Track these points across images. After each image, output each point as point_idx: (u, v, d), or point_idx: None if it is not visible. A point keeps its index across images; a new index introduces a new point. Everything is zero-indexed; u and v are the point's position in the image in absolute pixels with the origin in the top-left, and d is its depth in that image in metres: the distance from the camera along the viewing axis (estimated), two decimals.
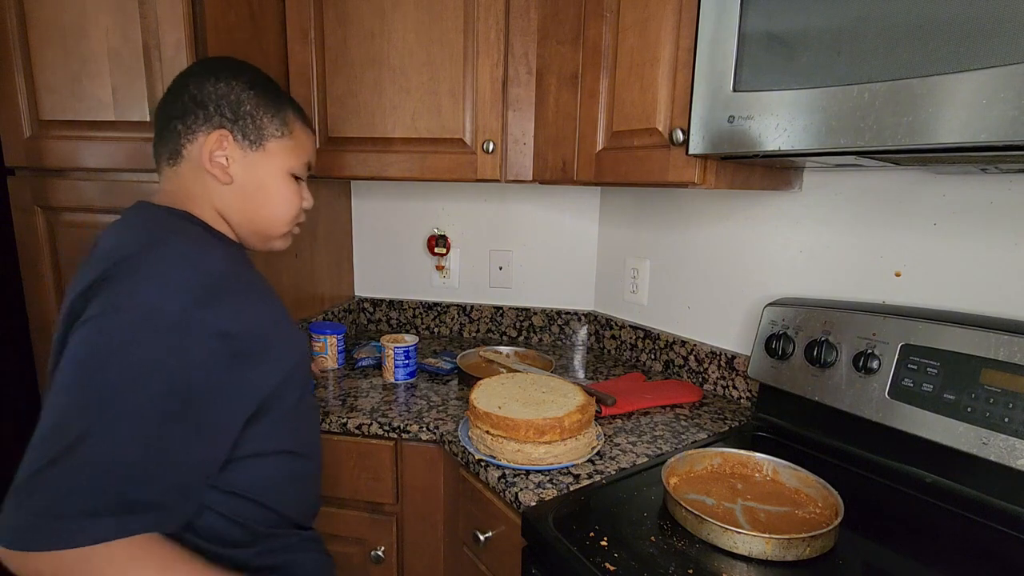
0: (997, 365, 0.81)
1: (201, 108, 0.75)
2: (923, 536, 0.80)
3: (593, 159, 1.15)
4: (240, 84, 0.77)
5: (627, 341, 1.58)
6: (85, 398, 0.56)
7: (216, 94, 0.75)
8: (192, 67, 0.79)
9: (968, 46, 0.59)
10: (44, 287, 1.23)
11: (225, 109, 0.75)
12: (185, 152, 0.75)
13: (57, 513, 0.52)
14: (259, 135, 0.78)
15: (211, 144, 0.74)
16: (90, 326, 0.58)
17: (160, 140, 0.77)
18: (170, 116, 0.76)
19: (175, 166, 0.76)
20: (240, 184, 0.77)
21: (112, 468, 0.55)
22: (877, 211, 1.03)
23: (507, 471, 0.93)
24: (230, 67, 0.78)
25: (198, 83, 0.75)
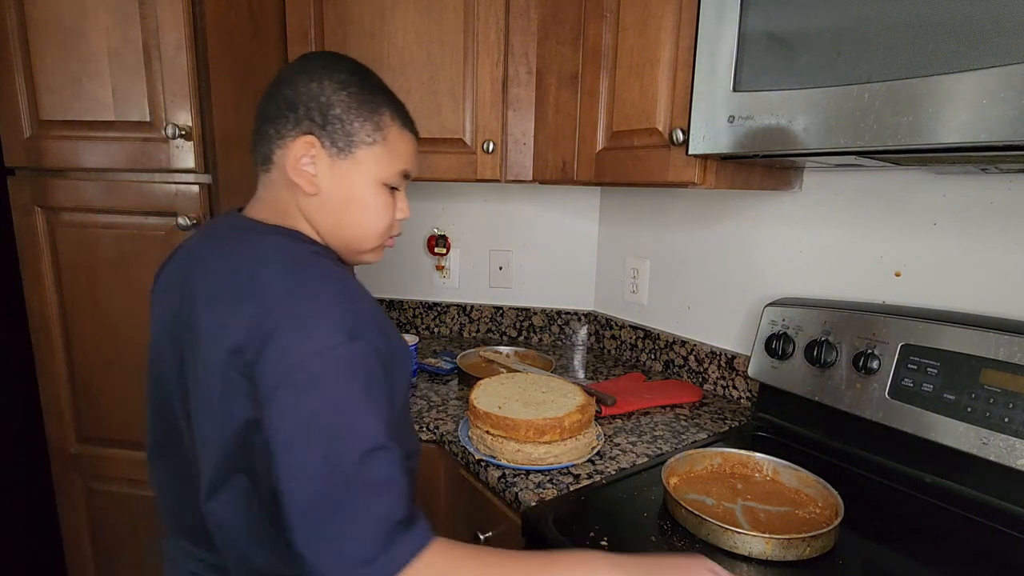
0: (997, 365, 0.81)
1: (292, 111, 0.68)
2: (923, 536, 0.80)
3: (593, 159, 1.15)
4: (333, 84, 0.69)
5: (627, 341, 1.57)
6: (325, 449, 0.55)
7: (308, 95, 0.68)
8: (294, 63, 0.72)
9: (968, 46, 0.59)
10: (44, 287, 1.23)
11: (314, 112, 0.68)
12: (275, 158, 0.70)
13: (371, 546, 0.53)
14: (348, 142, 0.69)
15: (297, 151, 0.68)
16: (287, 392, 0.56)
17: (254, 143, 0.72)
18: (265, 117, 0.70)
19: (268, 172, 0.71)
20: (327, 196, 0.70)
21: (383, 490, 0.56)
22: (877, 211, 1.03)
23: (507, 471, 0.93)
24: (327, 64, 0.70)
25: (293, 82, 0.69)
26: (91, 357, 1.25)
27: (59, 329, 1.25)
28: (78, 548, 1.37)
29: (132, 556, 1.35)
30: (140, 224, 1.18)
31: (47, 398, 1.29)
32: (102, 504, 1.33)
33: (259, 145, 0.71)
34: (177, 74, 1.10)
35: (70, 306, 1.24)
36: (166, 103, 1.11)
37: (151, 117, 1.12)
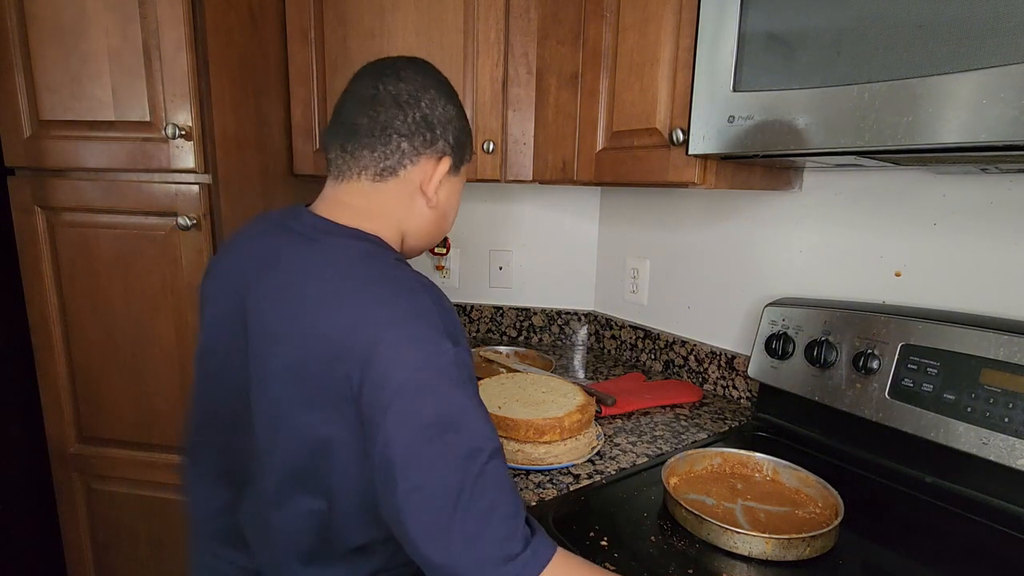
0: (997, 365, 0.81)
1: (430, 130, 0.71)
2: (923, 536, 0.80)
3: (593, 159, 1.15)
4: (457, 110, 0.74)
5: (627, 341, 1.57)
6: (454, 451, 0.55)
7: (445, 118, 0.72)
8: (414, 75, 0.71)
9: (968, 46, 0.59)
10: (44, 287, 1.23)
11: (450, 135, 0.73)
12: (403, 172, 0.71)
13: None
14: (460, 163, 0.76)
15: (441, 171, 0.72)
16: (404, 401, 0.55)
17: (372, 152, 0.69)
18: (395, 130, 0.69)
19: (381, 182, 0.70)
20: (439, 207, 0.76)
21: (509, 489, 0.56)
22: (877, 211, 1.03)
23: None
24: (447, 87, 0.74)
25: (431, 102, 0.71)
26: (91, 357, 1.25)
27: (59, 329, 1.25)
28: (78, 548, 1.37)
29: (132, 556, 1.35)
30: (140, 224, 1.18)
31: (47, 398, 1.29)
32: (102, 504, 1.33)
33: (383, 156, 0.70)
34: (177, 74, 1.10)
35: (70, 306, 1.24)
36: (166, 103, 1.11)
37: (151, 117, 1.12)
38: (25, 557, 1.41)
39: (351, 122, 0.70)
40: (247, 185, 1.28)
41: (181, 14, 1.08)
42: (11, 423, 1.36)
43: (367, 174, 0.70)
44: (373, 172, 0.70)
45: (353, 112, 0.70)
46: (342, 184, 0.71)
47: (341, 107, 0.72)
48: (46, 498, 1.37)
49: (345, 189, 0.71)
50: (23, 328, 1.27)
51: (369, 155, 0.70)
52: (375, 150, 0.69)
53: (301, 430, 0.61)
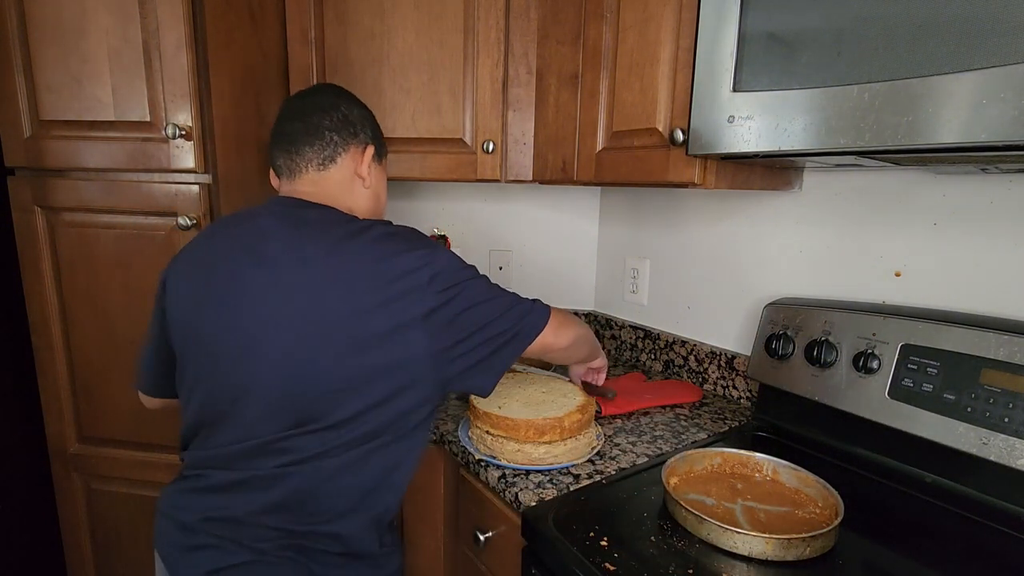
0: (997, 365, 0.81)
1: (352, 126, 0.89)
2: (923, 536, 0.80)
3: (593, 159, 1.15)
4: (368, 113, 0.94)
5: (627, 341, 1.57)
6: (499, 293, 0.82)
7: (360, 116, 0.91)
8: (328, 90, 0.93)
9: (968, 46, 0.59)
10: (44, 287, 1.23)
11: (368, 129, 0.92)
12: (339, 159, 0.88)
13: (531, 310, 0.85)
14: (381, 152, 0.96)
15: (368, 156, 0.91)
16: (470, 289, 0.79)
17: (312, 147, 0.87)
18: (325, 128, 0.87)
19: (324, 170, 0.87)
20: (373, 189, 0.93)
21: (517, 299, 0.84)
22: (877, 211, 1.03)
23: (507, 471, 0.93)
24: (355, 97, 0.94)
25: (347, 105, 0.90)
26: (91, 357, 1.25)
27: (59, 329, 1.25)
28: (78, 548, 1.37)
29: (132, 556, 1.35)
30: (140, 224, 1.18)
31: (47, 398, 1.29)
32: (102, 504, 1.33)
33: (321, 149, 0.87)
34: (177, 74, 1.10)
35: (70, 306, 1.24)
36: (166, 103, 1.11)
37: (151, 117, 1.12)
38: (25, 557, 1.41)
39: (289, 131, 0.87)
40: (247, 185, 1.28)
41: (181, 14, 1.08)
42: (11, 423, 1.36)
43: (312, 166, 0.87)
44: (316, 163, 0.87)
45: (288, 124, 0.88)
46: (294, 180, 0.88)
47: (277, 126, 0.90)
48: (46, 498, 1.37)
49: (298, 182, 0.88)
50: (23, 328, 1.27)
51: (310, 150, 0.86)
52: (313, 145, 0.86)
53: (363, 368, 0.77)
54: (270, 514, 0.76)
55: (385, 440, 0.78)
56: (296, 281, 0.74)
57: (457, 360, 0.77)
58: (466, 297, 0.77)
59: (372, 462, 0.78)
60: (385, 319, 0.72)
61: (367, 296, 0.73)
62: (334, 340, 0.73)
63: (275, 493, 0.76)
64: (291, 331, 0.74)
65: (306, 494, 0.76)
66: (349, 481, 0.77)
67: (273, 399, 0.75)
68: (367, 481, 0.79)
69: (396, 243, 0.77)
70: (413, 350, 0.74)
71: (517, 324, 0.81)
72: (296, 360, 0.73)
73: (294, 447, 0.75)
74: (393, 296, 0.73)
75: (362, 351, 0.73)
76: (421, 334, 0.73)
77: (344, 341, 0.72)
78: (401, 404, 0.77)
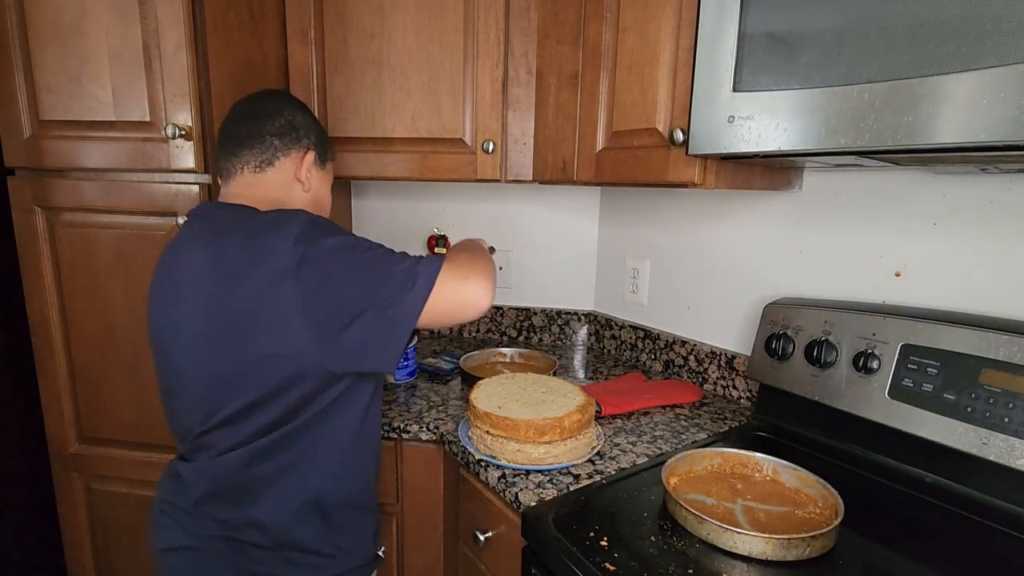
0: (997, 365, 0.81)
1: (294, 131, 0.92)
2: (923, 536, 0.80)
3: (593, 159, 1.15)
4: (314, 120, 0.97)
5: (627, 341, 1.58)
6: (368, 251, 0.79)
7: (305, 122, 0.94)
8: (276, 96, 0.96)
9: (968, 46, 0.59)
10: (44, 287, 1.23)
11: (312, 135, 0.95)
12: (277, 163, 0.90)
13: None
14: (326, 157, 0.99)
15: (308, 161, 0.93)
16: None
17: (251, 150, 0.89)
18: (267, 132, 0.89)
19: (260, 173, 0.90)
20: (313, 193, 0.96)
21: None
22: (877, 211, 1.03)
23: (507, 471, 0.93)
24: (302, 104, 0.97)
25: (292, 111, 0.93)
26: (91, 357, 1.25)
27: (59, 329, 1.25)
28: (78, 548, 1.37)
29: (132, 556, 1.35)
30: (140, 224, 1.18)
31: (47, 398, 1.29)
32: (102, 504, 1.33)
33: (259, 152, 0.89)
34: (177, 74, 1.10)
35: (70, 306, 1.24)
36: (166, 103, 1.11)
37: (151, 117, 1.12)
38: (25, 557, 1.41)
39: (234, 133, 0.90)
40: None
41: (181, 14, 1.08)
42: (11, 423, 1.36)
43: (248, 168, 0.89)
44: (253, 165, 0.89)
45: (234, 127, 0.90)
46: (228, 182, 0.90)
47: (222, 129, 0.92)
48: (46, 498, 1.37)
49: (232, 184, 0.90)
50: (23, 328, 1.27)
51: (248, 152, 0.89)
52: (253, 148, 0.89)
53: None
54: (205, 504, 0.83)
55: (295, 426, 0.80)
56: (198, 281, 0.78)
57: (342, 341, 0.74)
58: (340, 274, 0.74)
59: (285, 446, 0.81)
60: (261, 308, 0.74)
61: (243, 286, 0.74)
62: (221, 335, 0.76)
63: (204, 485, 0.83)
64: (190, 331, 0.79)
65: (229, 483, 0.81)
66: (266, 465, 0.81)
67: (190, 397, 0.82)
68: (285, 462, 0.81)
69: (271, 229, 0.76)
70: (292, 336, 0.73)
71: (401, 291, 0.75)
72: (198, 358, 0.79)
73: (214, 440, 0.81)
74: (266, 283, 0.73)
75: (245, 342, 0.75)
76: (298, 320, 0.73)
77: (229, 334, 0.76)
78: (294, 392, 0.77)
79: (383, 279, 0.75)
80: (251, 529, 0.83)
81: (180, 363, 0.82)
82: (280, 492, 0.82)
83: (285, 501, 0.83)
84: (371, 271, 0.75)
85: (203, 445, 0.82)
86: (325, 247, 0.75)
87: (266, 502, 0.82)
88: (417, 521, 1.19)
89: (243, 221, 0.79)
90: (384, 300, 0.74)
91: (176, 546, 0.85)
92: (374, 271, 0.75)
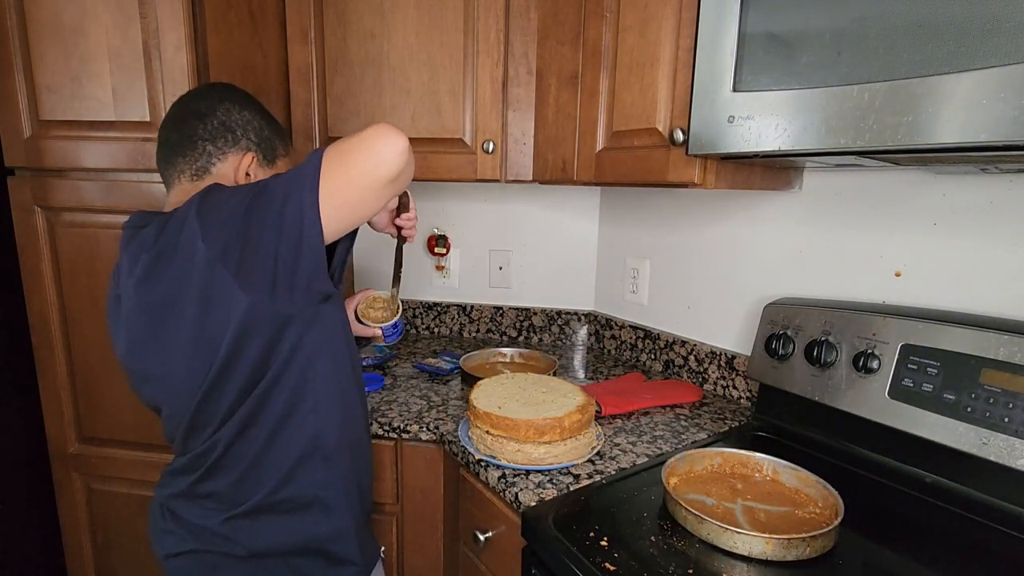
0: (997, 365, 0.81)
1: (230, 132, 0.85)
2: (923, 536, 0.80)
3: (593, 159, 1.15)
4: (255, 113, 0.89)
5: (627, 341, 1.58)
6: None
7: (242, 120, 0.86)
8: (210, 93, 0.87)
9: (968, 46, 0.59)
10: (44, 287, 1.23)
11: (251, 134, 0.87)
12: (214, 170, 0.85)
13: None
14: (273, 155, 0.91)
15: (245, 164, 0.86)
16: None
17: (184, 158, 0.84)
18: (199, 137, 0.84)
19: (199, 180, 0.84)
20: None
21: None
22: (877, 211, 1.03)
23: (507, 471, 0.93)
24: (243, 97, 0.89)
25: (225, 110, 0.85)
26: (91, 357, 1.25)
27: (59, 329, 1.25)
28: (78, 548, 1.37)
29: (132, 556, 1.35)
30: None
31: (47, 398, 1.29)
32: (102, 504, 1.33)
33: (193, 159, 0.84)
34: (177, 74, 1.10)
35: (70, 306, 1.24)
36: (166, 103, 1.11)
37: (151, 117, 1.12)
38: (25, 557, 1.41)
39: (165, 140, 0.85)
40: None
41: (181, 14, 1.08)
42: (11, 423, 1.36)
43: (184, 176, 0.85)
44: (190, 173, 0.84)
45: (166, 132, 0.85)
46: (170, 191, 0.86)
47: (159, 133, 0.87)
48: (46, 498, 1.37)
49: (172, 194, 0.86)
50: (23, 328, 1.27)
51: (183, 161, 0.84)
52: (186, 156, 0.84)
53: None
54: (207, 496, 0.84)
55: (268, 385, 0.77)
56: (131, 305, 0.76)
57: (258, 268, 0.70)
58: (234, 208, 0.70)
59: (268, 406, 0.79)
60: (190, 283, 0.71)
61: (168, 274, 0.73)
62: (156, 323, 0.75)
63: (202, 471, 0.83)
64: (145, 354, 0.78)
65: (227, 458, 0.81)
66: (256, 432, 0.80)
67: (170, 398, 0.80)
68: (271, 423, 0.80)
69: (175, 218, 0.73)
70: (225, 294, 0.70)
71: (288, 184, 0.70)
72: (155, 360, 0.78)
73: (203, 423, 0.80)
74: (185, 263, 0.71)
75: (184, 321, 0.73)
76: (223, 273, 0.69)
77: (166, 323, 0.74)
78: (252, 347, 0.74)
79: (271, 187, 0.71)
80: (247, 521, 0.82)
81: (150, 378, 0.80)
82: (277, 446, 0.81)
83: (284, 454, 0.82)
84: (259, 190, 0.71)
85: (197, 427, 0.80)
86: (220, 197, 0.72)
87: (267, 460, 0.81)
88: (417, 521, 1.19)
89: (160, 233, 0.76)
90: (277, 203, 0.69)
91: (180, 551, 0.84)
92: (262, 189, 0.71)
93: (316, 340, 0.80)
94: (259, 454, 0.81)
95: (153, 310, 0.74)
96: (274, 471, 0.82)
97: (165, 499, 0.87)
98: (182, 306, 0.72)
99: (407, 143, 0.72)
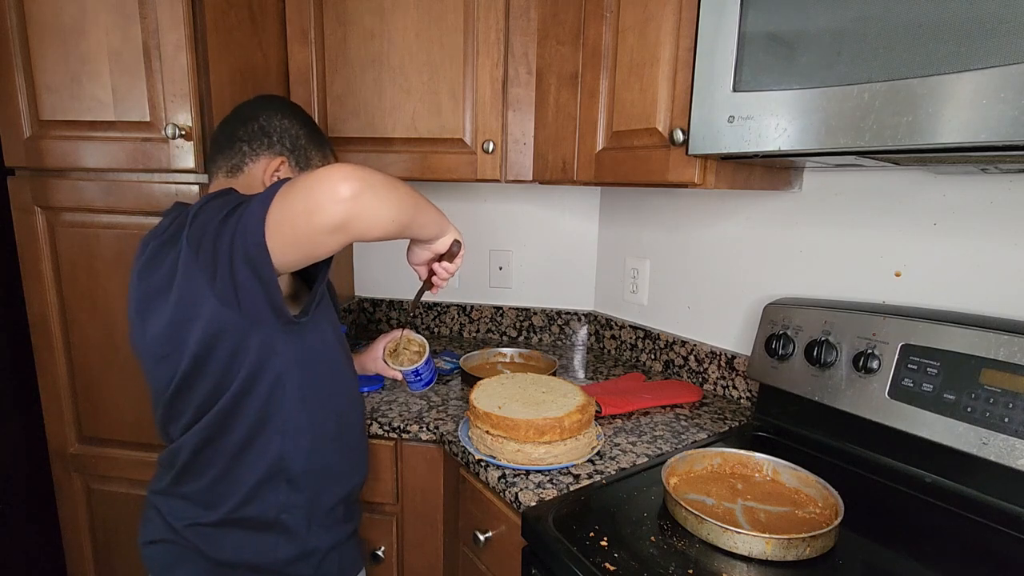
0: (997, 365, 0.81)
1: (266, 136, 0.91)
2: (923, 536, 0.80)
3: (593, 159, 1.15)
4: (295, 122, 0.94)
5: (627, 341, 1.58)
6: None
7: (280, 127, 0.92)
8: (259, 101, 0.95)
9: (968, 46, 0.59)
10: (44, 287, 1.23)
11: (286, 140, 0.92)
12: (247, 169, 0.90)
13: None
14: (307, 163, 0.95)
15: (274, 167, 0.91)
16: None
17: (222, 155, 0.91)
18: (238, 138, 0.90)
19: (233, 178, 0.90)
20: None
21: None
22: (877, 211, 1.03)
23: (507, 471, 0.93)
24: (290, 107, 0.96)
25: (267, 116, 0.92)
26: (91, 357, 1.25)
27: (59, 329, 1.25)
28: (78, 548, 1.37)
29: (132, 556, 1.35)
30: (140, 224, 1.18)
31: (47, 398, 1.29)
32: (102, 504, 1.33)
33: (230, 157, 0.90)
34: (177, 74, 1.10)
35: (70, 306, 1.24)
36: (166, 103, 1.11)
37: (151, 117, 1.12)
38: (25, 557, 1.41)
39: (214, 139, 0.93)
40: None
41: (181, 14, 1.07)
42: (11, 423, 1.36)
43: (222, 172, 0.91)
44: (225, 170, 0.91)
45: (216, 133, 0.93)
46: (209, 184, 0.94)
47: (213, 133, 0.94)
48: (46, 498, 1.37)
49: (211, 186, 0.93)
50: (23, 328, 1.27)
51: (221, 158, 0.91)
52: (224, 154, 0.91)
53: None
54: (177, 490, 0.86)
55: (237, 392, 0.78)
56: (133, 288, 0.81)
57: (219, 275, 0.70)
58: (208, 217, 0.72)
59: (238, 413, 0.80)
60: (171, 279, 0.73)
61: (159, 271, 0.76)
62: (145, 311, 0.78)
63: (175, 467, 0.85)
64: (135, 337, 0.81)
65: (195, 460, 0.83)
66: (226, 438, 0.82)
67: (154, 396, 0.84)
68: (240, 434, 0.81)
69: (184, 213, 0.76)
70: (198, 294, 0.72)
71: (247, 202, 0.70)
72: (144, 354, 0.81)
73: (174, 416, 0.82)
74: (172, 260, 0.74)
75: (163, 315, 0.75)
76: (199, 276, 0.71)
77: (152, 311, 0.77)
78: (221, 351, 0.75)
79: (245, 201, 0.71)
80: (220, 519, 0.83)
81: (141, 358, 0.83)
82: (242, 462, 0.82)
83: (248, 471, 0.83)
84: (240, 201, 0.72)
85: (171, 417, 0.83)
86: (220, 201, 0.74)
87: (233, 473, 0.83)
88: (417, 521, 1.19)
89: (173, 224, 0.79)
90: (242, 219, 0.69)
91: (155, 539, 0.87)
92: (242, 201, 0.72)
93: (285, 363, 0.80)
94: (227, 466, 0.82)
95: (146, 296, 0.77)
96: (238, 486, 0.83)
97: (150, 492, 0.91)
98: (166, 295, 0.74)
99: (358, 189, 0.66)
